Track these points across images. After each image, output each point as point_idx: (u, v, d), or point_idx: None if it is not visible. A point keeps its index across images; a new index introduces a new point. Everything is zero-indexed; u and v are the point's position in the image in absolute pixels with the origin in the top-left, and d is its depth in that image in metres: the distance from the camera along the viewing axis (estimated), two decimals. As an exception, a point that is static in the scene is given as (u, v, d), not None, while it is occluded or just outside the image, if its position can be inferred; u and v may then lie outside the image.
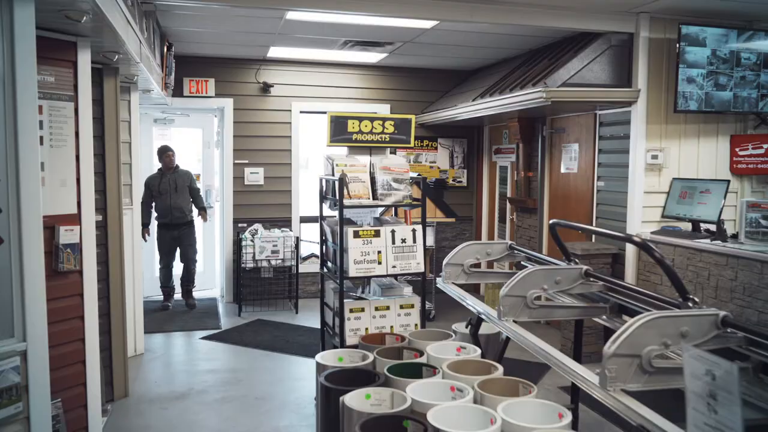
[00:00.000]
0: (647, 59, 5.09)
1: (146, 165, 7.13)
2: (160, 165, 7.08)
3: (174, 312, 6.93)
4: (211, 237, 7.83)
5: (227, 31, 5.98)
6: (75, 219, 3.37)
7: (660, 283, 4.78)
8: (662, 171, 5.17)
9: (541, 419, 2.20)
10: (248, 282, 7.23)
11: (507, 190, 7.40)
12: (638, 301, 2.46)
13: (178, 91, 7.16)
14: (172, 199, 6.95)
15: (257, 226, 7.26)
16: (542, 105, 5.03)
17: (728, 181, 4.76)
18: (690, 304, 2.13)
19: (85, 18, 2.83)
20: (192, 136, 7.84)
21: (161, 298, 7.16)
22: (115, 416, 4.22)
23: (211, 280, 8.00)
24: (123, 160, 4.67)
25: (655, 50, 5.11)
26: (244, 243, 6.97)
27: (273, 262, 7.05)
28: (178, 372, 5.15)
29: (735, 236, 4.55)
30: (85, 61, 3.39)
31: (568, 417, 2.16)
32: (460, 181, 8.18)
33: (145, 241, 6.71)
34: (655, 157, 5.12)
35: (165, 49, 5.74)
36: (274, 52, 6.96)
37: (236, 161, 7.43)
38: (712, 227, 4.67)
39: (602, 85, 5.15)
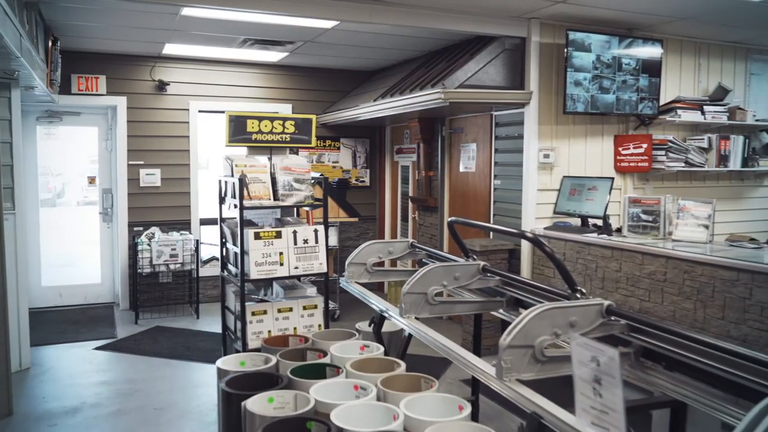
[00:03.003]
0: (538, 62, 5.32)
1: (31, 166, 6.69)
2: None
3: (65, 322, 6.54)
4: (109, 242, 7.44)
5: (118, 25, 5.71)
6: (-53, 225, 3.11)
7: (553, 276, 5.02)
8: (554, 169, 5.43)
9: (442, 412, 2.25)
10: (145, 288, 6.95)
11: (409, 189, 7.52)
12: (532, 294, 2.57)
13: (65, 89, 6.76)
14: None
15: (154, 229, 6.99)
16: (441, 105, 5.15)
17: (612, 178, 5.06)
18: (578, 296, 2.24)
19: (-46, 8, 2.62)
20: (85, 135, 7.40)
21: (49, 306, 6.70)
22: (-3, 436, 3.94)
23: (108, 287, 7.60)
24: (3, 162, 4.36)
25: (546, 54, 5.35)
26: (140, 247, 6.68)
27: (172, 267, 6.81)
28: (69, 386, 4.86)
29: (619, 230, 4.85)
30: (-45, 54, 3.13)
31: (468, 409, 2.23)
32: (363, 181, 8.23)
33: None
34: (546, 156, 5.37)
35: (50, 44, 5.40)
36: (170, 49, 6.72)
37: (131, 162, 7.11)
38: (599, 222, 4.95)
39: (497, 87, 5.34)
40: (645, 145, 5.52)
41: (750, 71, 6.43)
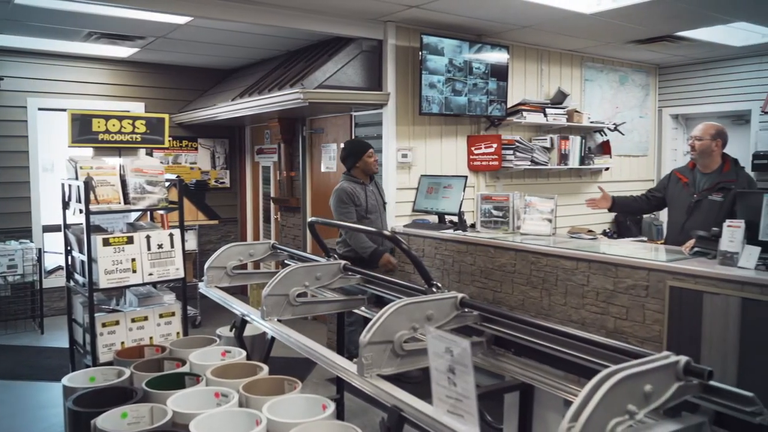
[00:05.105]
0: (395, 65, 5.46)
1: None
2: (344, 169, 4.90)
3: None
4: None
5: (-63, 13, 5.12)
6: None
7: (413, 272, 5.17)
8: (412, 168, 5.59)
9: (306, 413, 2.25)
10: (-21, 303, 6.30)
11: (270, 190, 7.41)
12: (392, 291, 2.63)
13: None
14: (383, 223, 5.00)
15: (-12, 238, 6.36)
16: (300, 106, 5.13)
17: (466, 176, 5.31)
18: (434, 290, 2.33)
19: None
20: None
21: None
22: None
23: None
24: None
25: (402, 57, 5.50)
26: (-29, 259, 6.04)
27: (10, 279, 6.22)
28: None
29: (473, 226, 5.10)
30: None
31: (332, 407, 2.24)
32: (223, 182, 8.01)
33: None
34: (405, 156, 5.52)
35: None
36: (4, 40, 6.12)
37: (-43, 165, 6.42)
38: (455, 218, 5.17)
39: (356, 88, 5.41)
40: (495, 145, 5.84)
41: (585, 77, 7.02)
